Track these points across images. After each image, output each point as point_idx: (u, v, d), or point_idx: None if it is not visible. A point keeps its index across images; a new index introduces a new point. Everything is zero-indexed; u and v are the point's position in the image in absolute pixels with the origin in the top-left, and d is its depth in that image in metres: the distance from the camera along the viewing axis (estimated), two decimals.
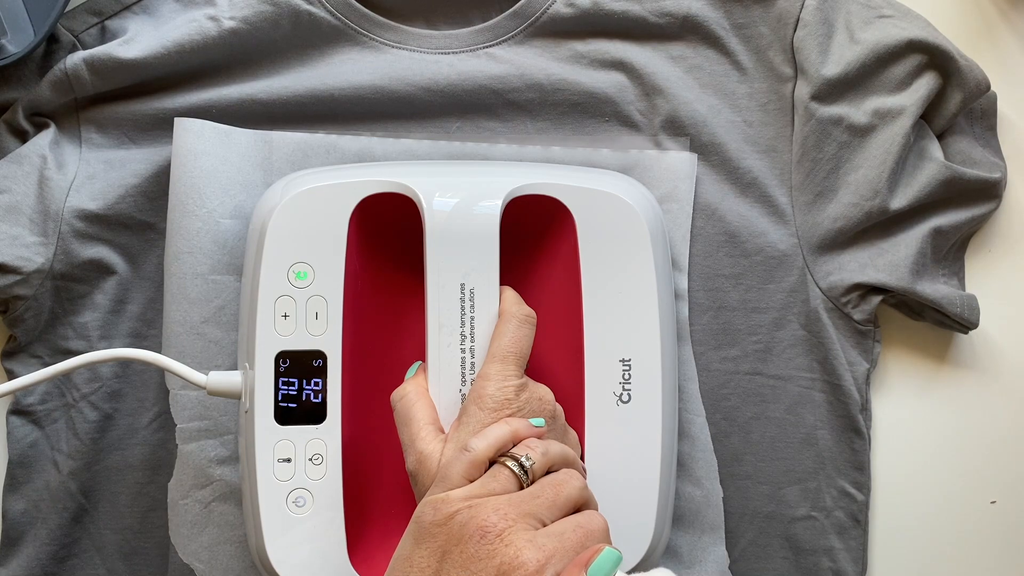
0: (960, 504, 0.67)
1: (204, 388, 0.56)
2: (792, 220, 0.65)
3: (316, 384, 0.56)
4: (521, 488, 0.47)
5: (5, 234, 0.62)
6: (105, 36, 0.65)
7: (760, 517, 0.65)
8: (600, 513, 0.48)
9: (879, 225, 0.64)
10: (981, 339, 0.67)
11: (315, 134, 0.64)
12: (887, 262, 0.63)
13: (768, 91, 0.65)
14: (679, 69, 0.65)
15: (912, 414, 0.67)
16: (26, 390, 0.63)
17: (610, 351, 0.58)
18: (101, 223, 0.64)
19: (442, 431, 0.52)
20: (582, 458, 0.56)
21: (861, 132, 0.63)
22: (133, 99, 0.64)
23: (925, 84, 0.63)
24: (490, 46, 0.65)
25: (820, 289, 0.64)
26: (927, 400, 0.67)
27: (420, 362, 0.56)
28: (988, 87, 0.64)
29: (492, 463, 0.48)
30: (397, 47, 0.65)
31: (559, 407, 0.54)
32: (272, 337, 0.56)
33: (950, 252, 0.66)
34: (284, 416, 0.56)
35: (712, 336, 0.65)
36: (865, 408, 0.65)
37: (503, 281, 0.56)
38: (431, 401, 0.54)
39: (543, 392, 0.53)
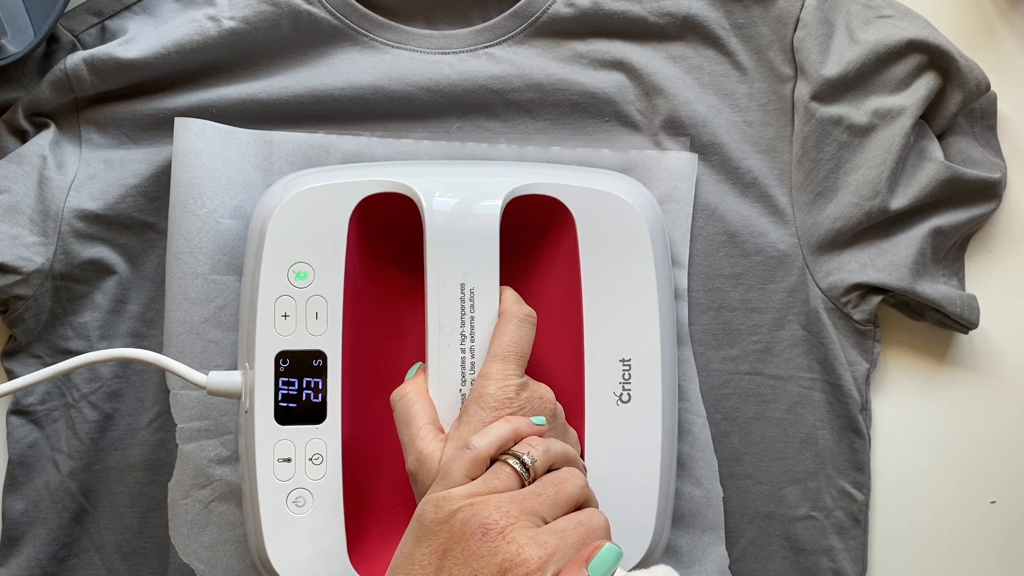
0: (960, 504, 0.67)
1: (204, 388, 0.56)
2: (792, 220, 0.65)
3: (316, 384, 0.56)
4: (523, 486, 0.47)
5: (5, 234, 0.62)
6: (105, 36, 0.65)
7: (760, 517, 0.65)
8: (601, 511, 0.48)
9: (879, 225, 0.64)
10: (981, 339, 0.67)
11: (315, 134, 0.64)
12: (887, 262, 0.63)
13: (768, 91, 0.65)
14: (679, 69, 0.65)
15: (912, 414, 0.67)
16: (26, 390, 0.63)
17: (610, 351, 0.58)
18: (101, 223, 0.63)
19: (442, 431, 0.52)
20: (582, 457, 0.56)
21: (861, 132, 0.63)
22: (133, 99, 0.64)
23: (925, 84, 0.63)
24: (490, 46, 0.65)
25: (820, 289, 0.64)
26: (927, 400, 0.67)
27: (420, 363, 0.56)
28: (988, 87, 0.64)
29: (493, 461, 0.48)
30: (397, 47, 0.65)
31: (559, 406, 0.54)
32: (272, 337, 0.56)
33: (950, 252, 0.66)
34: (284, 416, 0.56)
35: (712, 336, 0.65)
36: (865, 408, 0.65)
37: (503, 281, 0.56)
38: (431, 401, 0.54)
39: (544, 391, 0.53)
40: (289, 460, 0.56)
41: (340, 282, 0.56)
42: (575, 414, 0.57)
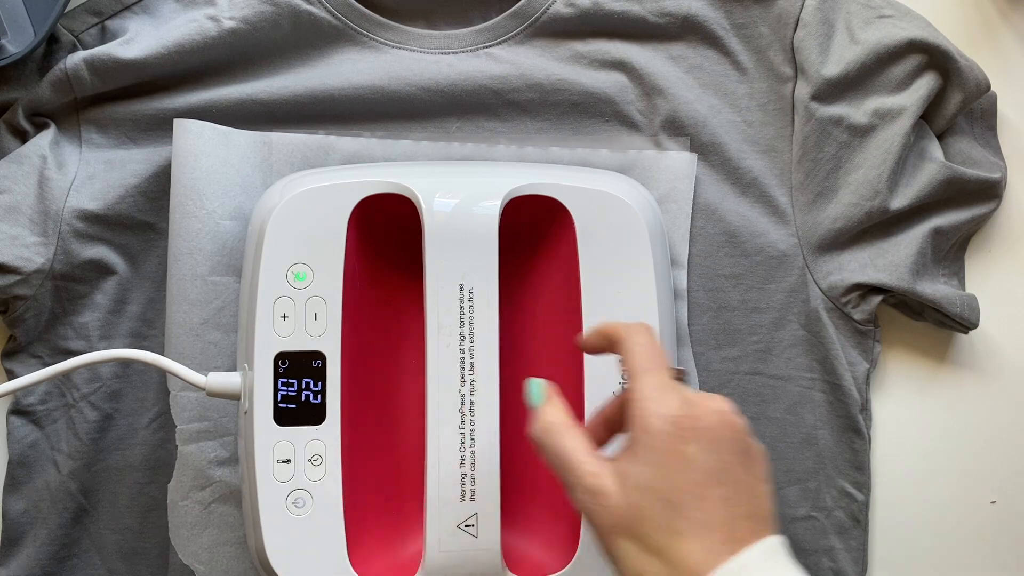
0: (960, 504, 0.67)
1: (204, 389, 0.56)
2: (792, 220, 0.65)
3: (315, 385, 0.56)
4: None
5: (5, 234, 0.62)
6: (105, 36, 0.65)
7: None
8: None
9: (879, 225, 0.64)
10: (981, 339, 0.67)
11: (315, 135, 0.64)
12: (887, 262, 0.63)
13: (768, 91, 0.65)
14: (679, 69, 0.65)
15: (912, 414, 0.67)
16: (26, 390, 0.63)
17: None
18: (101, 223, 0.63)
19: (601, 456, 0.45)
20: None
21: (861, 132, 0.63)
22: (133, 99, 0.64)
23: (925, 84, 0.63)
24: (490, 46, 0.65)
25: (820, 289, 0.64)
26: (927, 400, 0.67)
27: (535, 379, 0.48)
28: (988, 87, 0.64)
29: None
30: (397, 47, 0.65)
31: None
32: (271, 338, 0.56)
33: (950, 252, 0.66)
34: (283, 417, 0.56)
35: (712, 336, 0.65)
36: (865, 408, 0.65)
37: (502, 281, 0.56)
38: (579, 427, 0.46)
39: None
40: (288, 461, 0.56)
41: (339, 283, 0.56)
42: (575, 414, 0.57)
